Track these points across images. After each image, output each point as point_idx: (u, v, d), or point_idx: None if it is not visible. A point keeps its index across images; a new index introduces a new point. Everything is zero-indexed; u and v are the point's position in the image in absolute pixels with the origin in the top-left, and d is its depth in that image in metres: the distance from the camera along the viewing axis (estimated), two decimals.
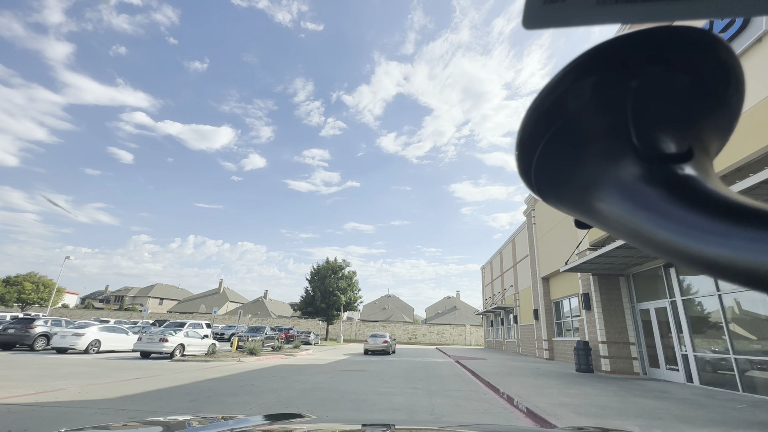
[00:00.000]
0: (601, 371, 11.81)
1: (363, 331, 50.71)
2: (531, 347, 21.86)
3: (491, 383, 9.09)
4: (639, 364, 11.68)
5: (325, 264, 38.92)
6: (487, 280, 37.60)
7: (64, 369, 10.06)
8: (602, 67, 0.27)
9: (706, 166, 0.28)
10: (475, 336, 50.66)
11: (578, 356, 12.02)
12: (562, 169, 0.31)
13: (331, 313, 36.79)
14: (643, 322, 11.80)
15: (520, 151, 0.32)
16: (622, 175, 0.28)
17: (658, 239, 0.25)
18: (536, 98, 0.29)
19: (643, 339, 11.68)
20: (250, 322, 52.42)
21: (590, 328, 12.83)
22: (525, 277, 23.49)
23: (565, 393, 7.75)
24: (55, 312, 48.80)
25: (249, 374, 10.35)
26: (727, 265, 0.21)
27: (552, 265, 18.14)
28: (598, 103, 0.28)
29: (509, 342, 27.95)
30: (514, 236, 26.98)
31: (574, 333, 16.68)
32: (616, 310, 12.34)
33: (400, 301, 68.52)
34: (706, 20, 0.37)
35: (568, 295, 17.31)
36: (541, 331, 19.46)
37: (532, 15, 0.27)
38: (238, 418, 1.44)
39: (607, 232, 0.30)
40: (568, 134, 0.29)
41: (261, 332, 22.53)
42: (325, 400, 6.81)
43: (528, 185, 0.34)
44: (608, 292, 12.50)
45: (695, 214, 0.23)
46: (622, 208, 0.27)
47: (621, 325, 12.17)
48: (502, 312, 30.08)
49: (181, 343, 14.70)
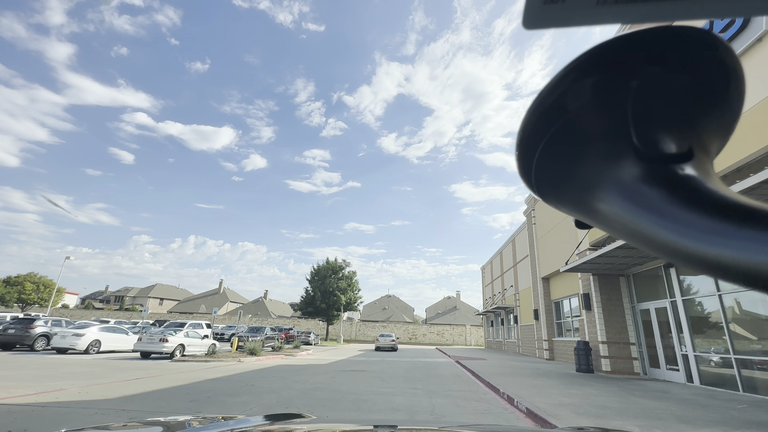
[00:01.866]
0: (602, 371, 11.81)
1: (363, 332, 50.73)
2: (531, 347, 21.87)
3: (491, 383, 9.09)
4: (639, 365, 11.68)
5: (325, 264, 38.95)
6: (487, 280, 37.59)
7: (64, 369, 10.06)
8: (602, 67, 0.27)
9: (707, 166, 0.28)
10: (475, 336, 50.67)
11: (578, 356, 12.01)
12: (563, 169, 0.31)
13: (331, 313, 36.77)
14: (644, 322, 11.81)
15: (520, 151, 0.32)
16: (622, 176, 0.28)
17: (658, 239, 0.25)
18: (536, 98, 0.29)
19: (644, 339, 11.68)
20: (250, 322, 52.45)
21: (590, 328, 12.83)
22: (525, 277, 23.48)
23: (565, 393, 7.75)
24: (56, 312, 48.80)
25: (249, 374, 10.36)
26: (727, 266, 0.21)
27: (552, 265, 18.13)
28: (598, 103, 0.28)
29: (509, 342, 27.96)
30: (514, 236, 26.98)
31: (574, 333, 16.68)
32: (617, 310, 12.34)
33: (400, 301, 68.51)
34: (706, 20, 0.37)
35: (568, 295, 17.31)
36: (542, 331, 19.47)
37: (532, 15, 0.27)
38: (239, 418, 1.45)
39: (607, 232, 0.30)
40: (568, 134, 0.29)
41: (261, 332, 22.56)
42: (325, 401, 6.81)
43: (528, 185, 0.34)
44: (608, 292, 12.50)
45: (695, 215, 0.23)
46: (622, 209, 0.27)
47: (621, 325, 12.17)
48: (502, 312, 30.08)
49: (181, 343, 14.70)
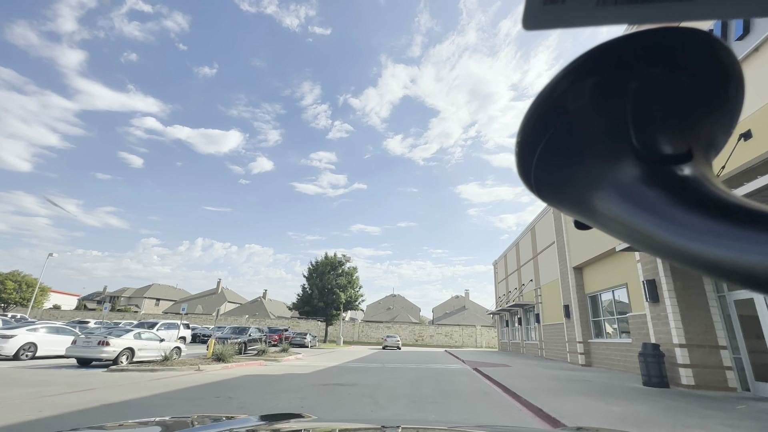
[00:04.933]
0: (681, 385, 8.59)
1: (366, 333, 47.58)
2: (559, 350, 18.60)
3: (542, 409, 5.94)
4: (734, 376, 8.44)
5: (323, 260, 35.92)
6: (500, 276, 34.26)
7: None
8: (602, 68, 0.27)
9: (706, 167, 0.28)
10: (486, 337, 47.26)
11: (646, 365, 8.81)
12: (562, 169, 0.30)
13: (329, 312, 33.62)
14: (742, 318, 8.56)
15: (519, 151, 0.31)
16: (621, 176, 0.27)
17: (657, 240, 0.24)
18: (536, 99, 0.29)
19: (743, 341, 8.43)
20: (246, 322, 49.81)
21: (659, 326, 9.60)
22: (550, 269, 20.23)
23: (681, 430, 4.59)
24: (46, 314, 46.26)
25: (185, 393, 7.32)
26: (727, 267, 0.21)
27: (589, 250, 14.89)
28: (598, 104, 0.27)
29: (529, 344, 24.67)
30: (533, 225, 23.74)
31: (620, 333, 13.45)
32: (697, 301, 9.11)
33: (405, 301, 65.24)
34: (707, 21, 0.27)
35: (611, 286, 14.06)
36: (574, 331, 16.22)
37: (532, 16, 0.26)
38: (239, 417, 1.44)
39: (606, 233, 0.30)
40: (568, 135, 0.29)
41: (245, 333, 19.55)
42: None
43: (527, 185, 0.33)
44: (684, 279, 9.28)
45: (695, 215, 0.23)
46: (621, 209, 0.27)
47: (705, 322, 8.93)
48: (520, 310, 26.77)
49: (128, 347, 11.69)
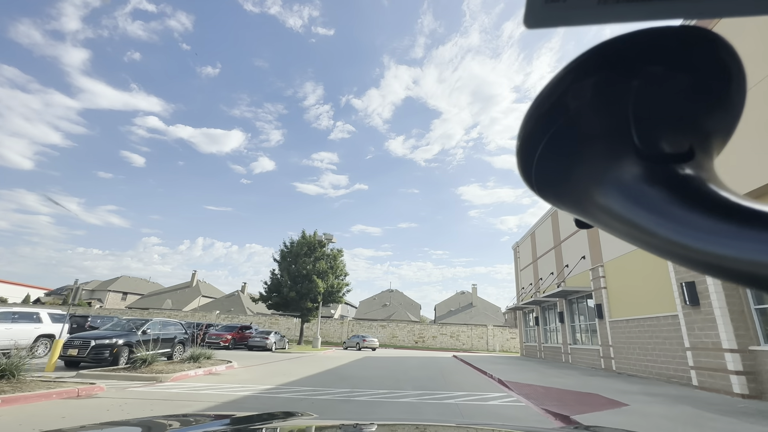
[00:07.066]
0: None
1: (357, 332, 39.89)
2: (661, 362, 11.04)
3: None
4: None
5: (300, 239, 28.16)
6: (525, 261, 26.53)
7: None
8: (603, 66, 0.26)
9: (708, 166, 0.27)
10: (500, 339, 39.64)
11: None
12: (563, 168, 0.30)
13: (304, 305, 25.83)
14: None
15: (520, 150, 0.31)
16: (623, 175, 0.27)
17: (658, 239, 0.24)
18: (537, 98, 0.29)
19: None
20: (217, 319, 42.37)
21: None
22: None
23: None
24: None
25: None
26: (728, 266, 0.21)
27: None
28: (599, 103, 0.27)
29: (578, 350, 17.04)
30: None
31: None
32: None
33: (404, 296, 57.58)
34: (708, 19, 0.28)
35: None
36: (716, 330, 8.70)
37: (534, 14, 0.27)
38: (237, 416, 1.43)
39: (608, 232, 0.30)
40: (569, 134, 0.29)
41: (136, 331, 12.00)
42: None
43: (528, 185, 0.33)
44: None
45: (696, 215, 0.23)
46: (623, 208, 0.27)
47: None
48: (561, 302, 19.17)
49: None
